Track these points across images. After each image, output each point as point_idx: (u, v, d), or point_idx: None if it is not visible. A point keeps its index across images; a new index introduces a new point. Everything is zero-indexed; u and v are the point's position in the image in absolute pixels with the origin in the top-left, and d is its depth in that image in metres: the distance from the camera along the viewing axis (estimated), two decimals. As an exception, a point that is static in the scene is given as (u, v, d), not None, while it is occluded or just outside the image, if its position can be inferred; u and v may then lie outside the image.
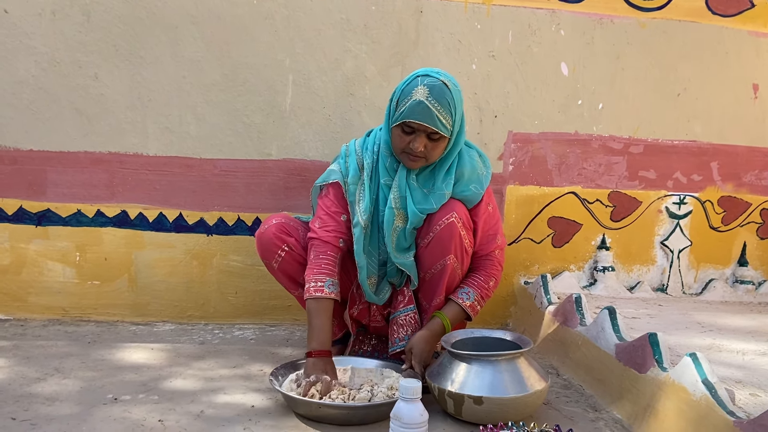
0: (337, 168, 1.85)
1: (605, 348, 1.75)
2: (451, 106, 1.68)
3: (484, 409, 1.48)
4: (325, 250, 1.78)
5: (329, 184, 1.84)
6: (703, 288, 2.62)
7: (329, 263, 1.77)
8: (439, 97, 1.66)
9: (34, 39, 2.23)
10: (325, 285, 1.73)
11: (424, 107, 1.64)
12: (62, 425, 1.44)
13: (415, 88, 1.66)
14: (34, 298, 2.32)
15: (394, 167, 1.81)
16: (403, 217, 1.78)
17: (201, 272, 2.37)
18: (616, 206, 2.55)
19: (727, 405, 1.28)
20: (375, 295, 1.87)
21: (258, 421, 1.50)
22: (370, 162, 1.82)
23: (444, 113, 1.66)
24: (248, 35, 2.30)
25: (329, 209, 1.82)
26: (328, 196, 1.84)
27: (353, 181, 1.81)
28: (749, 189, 2.65)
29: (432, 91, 1.65)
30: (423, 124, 1.65)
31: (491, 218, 1.86)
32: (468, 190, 1.79)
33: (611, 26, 2.47)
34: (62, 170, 2.29)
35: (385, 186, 1.81)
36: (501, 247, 1.89)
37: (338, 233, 1.80)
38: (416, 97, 1.65)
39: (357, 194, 1.80)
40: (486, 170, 1.85)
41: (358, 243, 1.79)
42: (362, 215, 1.78)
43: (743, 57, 2.58)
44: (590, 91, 2.49)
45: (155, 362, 1.91)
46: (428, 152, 1.71)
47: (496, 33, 2.41)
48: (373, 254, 1.83)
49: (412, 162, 1.74)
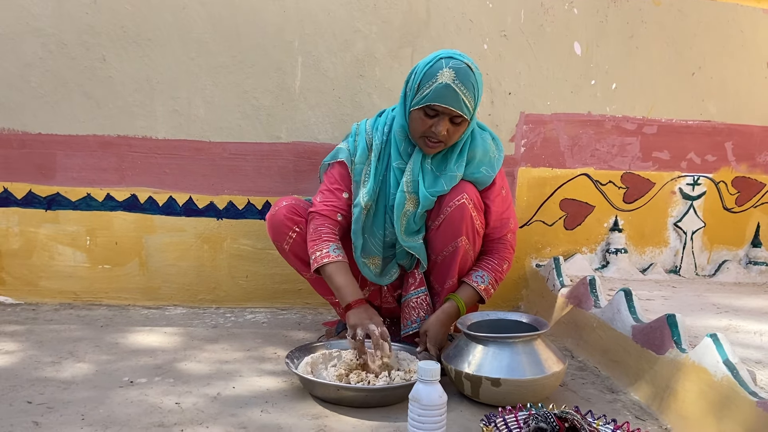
0: (346, 146, 1.85)
1: (621, 330, 1.74)
2: (475, 89, 1.66)
3: (502, 391, 1.48)
4: (323, 222, 1.78)
5: (336, 162, 1.85)
6: (717, 269, 2.60)
7: (328, 231, 1.77)
8: (465, 81, 1.63)
9: (41, 21, 2.20)
10: (330, 250, 1.73)
11: (452, 90, 1.62)
12: (79, 408, 1.43)
13: (440, 70, 1.63)
14: (45, 283, 2.32)
15: (408, 151, 1.79)
16: (414, 201, 1.77)
17: (212, 256, 2.36)
18: (629, 188, 2.53)
19: (749, 385, 1.26)
20: (378, 276, 1.86)
21: (275, 403, 1.50)
22: (380, 143, 1.81)
23: (469, 96, 1.65)
24: (257, 16, 2.27)
25: (332, 185, 1.84)
26: (333, 173, 1.85)
27: (360, 161, 1.81)
28: (763, 169, 2.62)
29: (458, 74, 1.62)
30: (449, 108, 1.63)
31: (504, 202, 1.84)
32: (479, 172, 1.78)
33: (625, 4, 2.43)
34: (71, 154, 2.28)
35: (397, 169, 1.79)
36: (513, 230, 1.88)
37: (337, 208, 1.81)
38: (442, 80, 1.62)
39: (363, 174, 1.80)
40: (498, 153, 1.83)
41: (356, 222, 1.80)
42: (364, 196, 1.78)
43: (758, 35, 2.54)
44: (603, 71, 2.45)
45: (169, 345, 1.90)
46: (449, 136, 1.70)
47: (508, 12, 2.37)
48: (377, 235, 1.82)
49: (430, 147, 1.72)
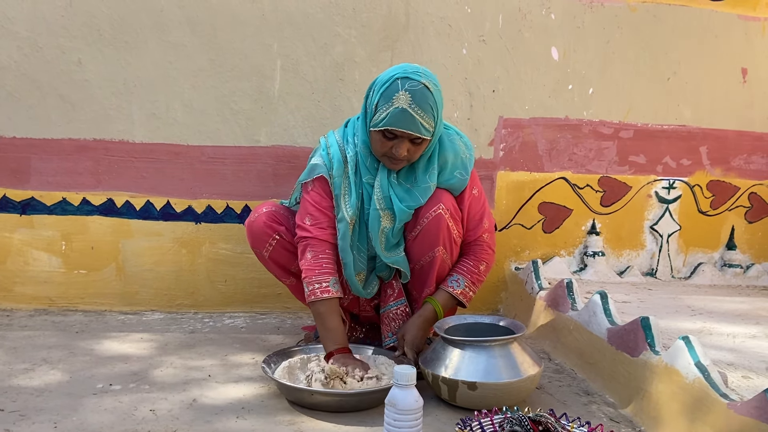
0: (321, 161, 1.76)
1: (597, 332, 1.75)
2: (433, 110, 1.61)
3: (478, 395, 1.48)
4: (323, 248, 1.72)
5: (315, 179, 1.75)
6: (692, 272, 2.64)
7: (329, 262, 1.71)
8: (422, 103, 1.58)
9: (16, 24, 2.18)
10: (330, 285, 1.68)
11: (408, 115, 1.57)
12: (52, 416, 1.42)
13: (396, 93, 1.58)
14: (19, 288, 2.29)
15: (374, 166, 1.75)
16: (389, 217, 1.74)
17: (190, 261, 2.34)
18: (606, 191, 2.56)
19: (720, 387, 1.28)
20: (363, 290, 1.84)
21: (251, 410, 1.49)
22: (353, 155, 1.75)
23: (427, 118, 1.60)
24: (236, 19, 2.26)
25: (319, 204, 1.74)
26: (316, 190, 1.75)
27: (338, 174, 1.74)
28: (738, 173, 2.66)
29: (414, 97, 1.57)
30: (407, 132, 1.60)
31: (477, 202, 1.82)
32: (453, 178, 1.76)
33: (601, 10, 2.46)
34: (46, 158, 2.26)
35: (367, 184, 1.75)
36: (489, 230, 1.85)
37: (333, 229, 1.75)
38: (398, 104, 1.57)
39: (342, 188, 1.74)
40: (469, 152, 1.80)
41: (344, 239, 1.74)
42: (348, 210, 1.73)
43: (732, 41, 2.58)
44: (581, 76, 2.48)
45: (145, 352, 1.89)
46: (411, 155, 1.66)
47: (487, 17, 2.39)
48: (362, 250, 1.79)
49: (394, 164, 1.70)
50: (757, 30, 2.59)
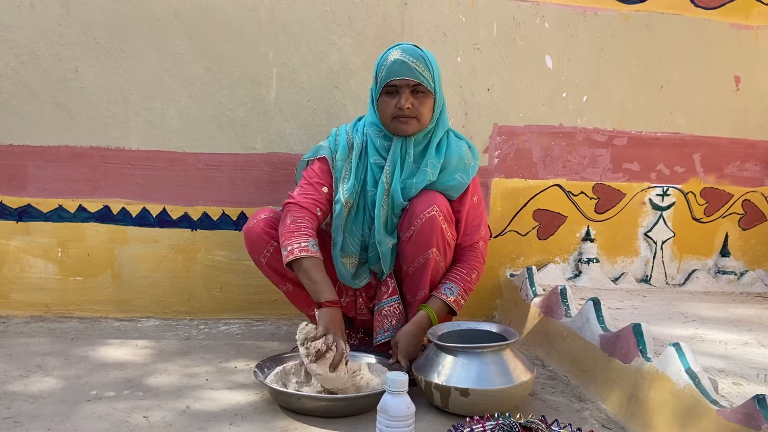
0: (327, 144, 1.88)
1: (590, 339, 1.76)
2: (426, 62, 1.75)
3: (471, 401, 1.49)
4: (303, 214, 1.76)
5: (317, 159, 1.87)
6: (686, 278, 2.65)
7: (308, 226, 1.74)
8: (413, 54, 1.74)
9: (13, 32, 2.19)
10: (309, 245, 1.70)
11: (401, 62, 1.72)
12: (46, 422, 1.42)
13: (390, 52, 1.77)
14: (15, 295, 2.29)
15: (385, 146, 1.82)
16: (390, 192, 1.80)
17: (186, 267, 2.35)
18: (600, 198, 2.57)
19: (710, 394, 1.29)
20: (351, 279, 1.86)
21: (244, 416, 1.50)
22: (360, 143, 1.84)
23: (421, 66, 1.73)
24: (232, 28, 2.28)
25: (311, 179, 1.83)
26: (313, 168, 1.86)
27: (341, 158, 1.83)
28: (731, 180, 2.67)
29: (405, 50, 1.75)
30: (405, 78, 1.72)
31: (476, 209, 1.87)
32: (453, 180, 1.81)
33: (595, 19, 2.48)
34: (43, 165, 2.26)
35: (374, 165, 1.82)
36: (485, 239, 1.91)
37: (317, 202, 1.80)
38: (392, 58, 1.74)
39: (343, 171, 1.82)
40: (474, 161, 1.87)
41: (337, 218, 1.80)
42: (345, 193, 1.79)
43: (725, 49, 2.60)
44: (574, 84, 2.50)
45: (140, 358, 1.89)
46: (417, 109, 1.74)
47: (481, 25, 2.41)
48: (356, 234, 1.83)
49: (404, 125, 1.76)
50: (749, 38, 2.61)
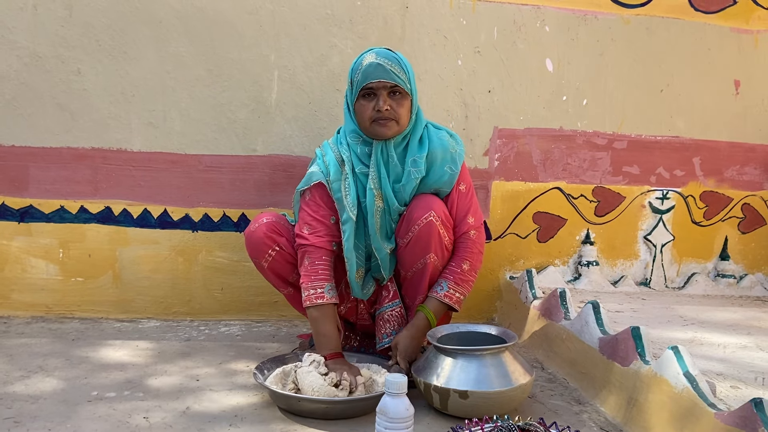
0: (317, 169, 1.81)
1: (589, 342, 1.77)
2: (401, 63, 1.74)
3: (470, 403, 1.49)
4: (320, 255, 1.76)
5: (312, 187, 1.81)
6: (686, 282, 2.65)
7: (325, 268, 1.76)
8: (387, 56, 1.74)
9: (15, 33, 2.20)
10: (325, 291, 1.72)
11: (377, 65, 1.71)
12: (47, 423, 1.43)
13: (363, 56, 1.75)
14: (17, 296, 2.30)
15: (366, 152, 1.80)
16: (382, 197, 1.79)
17: (186, 268, 2.35)
18: (600, 201, 2.58)
19: (708, 397, 1.30)
20: (361, 291, 1.87)
21: (244, 417, 1.50)
22: (348, 155, 1.81)
23: (396, 68, 1.72)
24: (233, 30, 2.29)
25: (317, 213, 1.79)
26: (314, 200, 1.80)
27: (336, 178, 1.79)
28: (731, 184, 2.68)
29: (379, 53, 1.74)
30: (381, 81, 1.71)
31: (464, 198, 1.85)
32: (445, 174, 1.80)
33: (595, 22, 2.49)
34: (45, 166, 2.27)
35: (360, 174, 1.80)
36: (475, 227, 1.84)
37: (330, 237, 1.78)
38: (367, 61, 1.73)
39: (342, 189, 1.78)
40: (458, 147, 1.85)
41: (348, 240, 1.77)
42: (351, 209, 1.77)
43: (725, 53, 2.61)
44: (575, 87, 2.50)
45: (140, 359, 1.90)
46: (395, 111, 1.73)
47: (482, 29, 2.42)
48: (360, 247, 1.83)
49: (384, 127, 1.73)
50: (749, 42, 2.61)
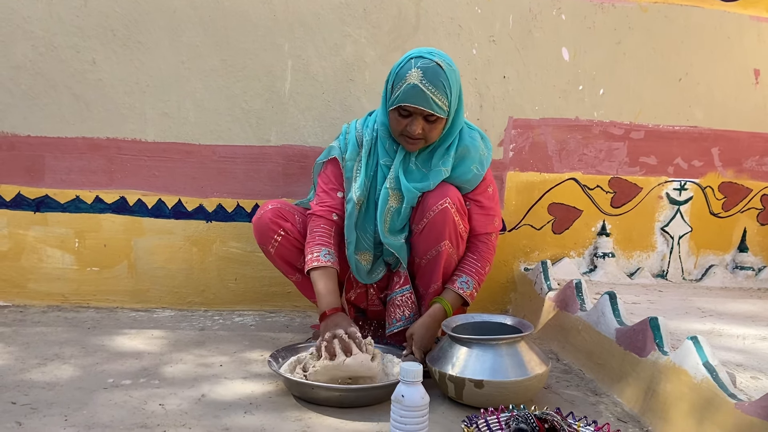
0: (337, 144, 1.89)
1: (606, 333, 1.75)
2: (446, 87, 1.67)
3: (485, 393, 1.48)
4: (319, 223, 1.82)
5: (328, 161, 1.88)
6: (703, 274, 2.62)
7: (323, 234, 1.80)
8: (433, 79, 1.65)
9: (31, 23, 2.21)
10: (321, 254, 1.75)
11: (419, 90, 1.64)
12: (63, 409, 1.44)
13: (409, 71, 1.66)
14: (33, 285, 2.32)
15: (393, 148, 1.82)
16: (397, 198, 1.79)
17: (201, 259, 2.36)
18: (616, 192, 2.55)
19: (728, 388, 1.28)
20: (367, 274, 1.87)
21: (259, 405, 1.50)
22: (370, 139, 1.84)
23: (439, 95, 1.66)
24: (247, 20, 2.28)
25: (326, 186, 1.87)
26: (326, 173, 1.88)
27: (351, 157, 1.84)
28: (750, 175, 2.64)
29: (426, 73, 1.64)
30: (419, 108, 1.66)
31: (491, 200, 1.87)
32: (470, 172, 1.80)
33: (612, 10, 2.46)
34: (60, 156, 2.28)
35: (384, 166, 1.82)
36: (497, 230, 1.91)
37: (332, 208, 1.83)
38: (410, 81, 1.64)
39: (354, 171, 1.83)
40: (487, 151, 1.86)
41: (349, 218, 1.82)
42: (356, 191, 1.80)
43: (744, 42, 2.56)
44: (591, 77, 2.47)
45: (155, 348, 1.91)
46: (426, 134, 1.72)
47: (497, 17, 2.39)
48: (368, 231, 1.84)
49: (410, 144, 1.75)
50: (770, 31, 2.57)
